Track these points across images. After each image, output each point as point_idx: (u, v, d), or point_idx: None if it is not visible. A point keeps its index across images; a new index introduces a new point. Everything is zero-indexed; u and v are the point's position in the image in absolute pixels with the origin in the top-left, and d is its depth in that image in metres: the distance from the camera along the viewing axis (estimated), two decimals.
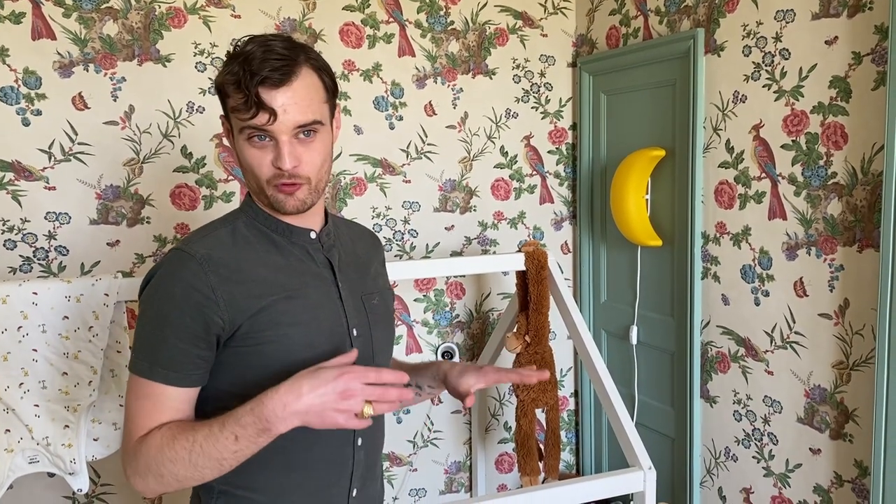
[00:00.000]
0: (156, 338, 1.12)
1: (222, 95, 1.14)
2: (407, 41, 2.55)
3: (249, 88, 1.08)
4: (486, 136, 2.70)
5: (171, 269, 1.13)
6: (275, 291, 1.15)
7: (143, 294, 1.16)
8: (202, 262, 1.12)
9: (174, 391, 1.12)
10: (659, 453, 2.47)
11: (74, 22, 2.14)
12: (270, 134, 1.11)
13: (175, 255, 1.15)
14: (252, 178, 1.16)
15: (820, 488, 1.95)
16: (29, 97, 2.12)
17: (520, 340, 2.20)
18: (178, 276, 1.12)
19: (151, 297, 1.14)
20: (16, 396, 1.70)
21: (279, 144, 1.12)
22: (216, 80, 1.16)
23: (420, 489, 2.77)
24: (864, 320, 1.79)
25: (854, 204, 1.79)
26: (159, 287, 1.13)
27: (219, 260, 1.14)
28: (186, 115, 2.29)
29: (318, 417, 1.01)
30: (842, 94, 1.80)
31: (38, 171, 2.15)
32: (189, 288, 1.11)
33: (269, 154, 1.13)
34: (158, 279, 1.14)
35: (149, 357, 1.12)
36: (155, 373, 1.11)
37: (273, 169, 1.13)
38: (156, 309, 1.13)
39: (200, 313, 1.10)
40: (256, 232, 1.21)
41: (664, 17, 2.34)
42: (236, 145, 1.16)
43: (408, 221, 2.62)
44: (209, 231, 1.20)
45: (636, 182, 2.33)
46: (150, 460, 1.08)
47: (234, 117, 1.13)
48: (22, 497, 2.19)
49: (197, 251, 1.14)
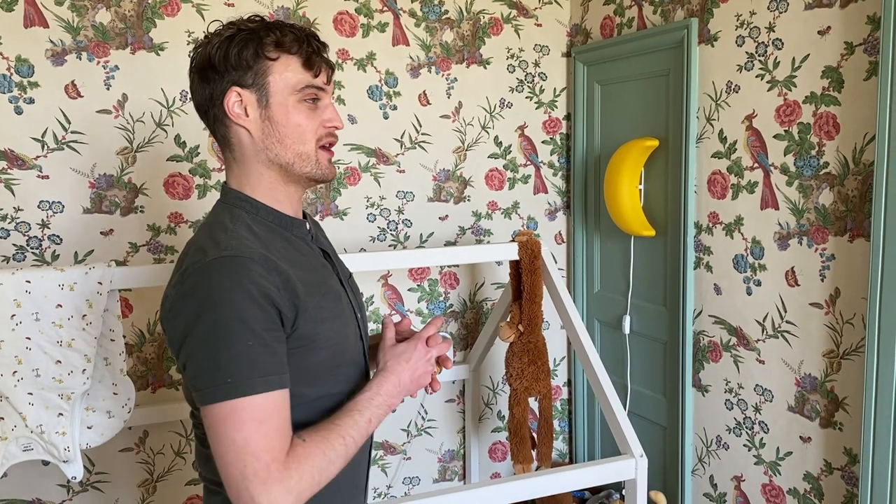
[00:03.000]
0: (252, 348, 1.01)
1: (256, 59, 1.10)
2: (401, 30, 2.55)
3: (314, 44, 1.11)
4: (480, 126, 2.70)
5: (234, 276, 1.02)
6: (315, 288, 1.13)
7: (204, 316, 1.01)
8: (263, 263, 1.05)
9: (286, 395, 1.04)
10: (651, 442, 2.49)
11: (67, 10, 2.14)
12: (322, 95, 1.14)
13: (229, 262, 1.03)
14: (300, 143, 1.13)
15: (810, 476, 1.97)
16: (21, 85, 2.11)
17: (513, 330, 2.21)
18: (247, 279, 1.02)
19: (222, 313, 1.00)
20: (9, 384, 1.70)
21: (329, 106, 1.15)
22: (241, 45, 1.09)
23: (414, 477, 2.78)
24: (855, 309, 1.80)
25: (845, 194, 1.80)
26: (230, 298, 1.01)
27: (272, 260, 1.07)
28: (180, 104, 2.28)
29: (416, 384, 1.21)
30: (834, 84, 1.80)
31: (31, 160, 2.14)
32: (261, 289, 1.02)
33: (318, 117, 1.14)
34: (222, 291, 1.01)
35: (255, 372, 1.00)
36: (271, 383, 1.02)
37: (324, 129, 1.15)
38: (234, 320, 1.00)
39: (278, 312, 1.04)
40: (266, 228, 1.15)
41: (658, 6, 2.34)
42: (276, 110, 1.11)
43: (402, 211, 2.62)
44: (231, 231, 1.09)
45: (630, 172, 2.34)
46: (314, 471, 1.02)
47: (286, 77, 1.11)
48: (16, 485, 2.20)
49: (251, 252, 1.05)
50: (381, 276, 2.62)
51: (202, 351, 1.01)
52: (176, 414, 2.28)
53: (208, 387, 1.00)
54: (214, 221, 1.14)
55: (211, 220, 1.15)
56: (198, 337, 1.01)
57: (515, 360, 2.23)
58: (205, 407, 1.01)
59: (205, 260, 1.04)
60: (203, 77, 1.14)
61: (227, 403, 0.99)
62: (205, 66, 1.13)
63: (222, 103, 1.13)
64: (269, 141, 1.13)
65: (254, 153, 1.15)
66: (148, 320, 2.32)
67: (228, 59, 1.10)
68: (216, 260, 1.03)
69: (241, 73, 1.11)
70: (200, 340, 1.01)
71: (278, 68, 1.10)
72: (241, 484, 0.98)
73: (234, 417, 0.99)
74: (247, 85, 1.11)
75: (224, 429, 1.00)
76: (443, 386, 2.79)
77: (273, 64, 1.10)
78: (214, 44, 1.12)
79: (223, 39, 1.11)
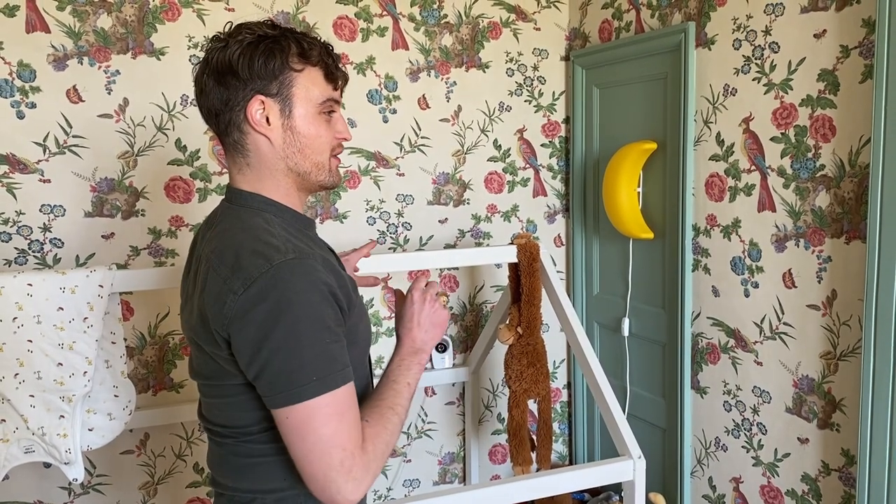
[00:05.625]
0: (331, 345, 1.05)
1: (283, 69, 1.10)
2: (400, 34, 2.56)
3: (334, 56, 1.14)
4: (479, 130, 2.71)
5: (305, 277, 1.04)
6: (353, 285, 1.17)
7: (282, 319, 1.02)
8: (323, 263, 1.08)
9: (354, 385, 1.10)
10: (650, 444, 2.50)
11: (68, 15, 2.15)
12: (336, 107, 1.17)
13: (299, 264, 1.05)
14: (318, 153, 1.16)
15: (808, 477, 1.97)
16: (23, 90, 2.13)
17: (512, 332, 2.22)
18: (319, 279, 1.05)
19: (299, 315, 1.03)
20: (11, 387, 1.72)
21: (340, 117, 1.19)
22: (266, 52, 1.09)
23: (414, 480, 2.79)
24: (852, 311, 1.81)
25: (842, 196, 1.81)
26: (306, 300, 1.03)
27: (328, 261, 1.11)
28: (181, 108, 2.30)
29: (436, 329, 1.30)
30: (830, 87, 1.81)
31: (32, 164, 2.16)
32: (329, 288, 1.07)
33: (332, 128, 1.17)
34: (297, 293, 1.03)
35: (335, 366, 1.05)
36: (347, 376, 1.07)
37: (335, 140, 1.18)
38: (313, 320, 1.03)
39: (340, 309, 1.09)
40: (294, 230, 1.16)
41: (656, 10, 2.35)
42: (299, 122, 1.13)
43: (401, 214, 2.63)
44: (274, 235, 1.10)
45: (628, 175, 2.35)
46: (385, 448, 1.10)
47: (311, 89, 1.13)
48: (18, 487, 2.21)
49: (312, 254, 1.08)
50: (381, 279, 2.63)
51: (283, 352, 1.02)
52: (177, 416, 2.29)
53: (293, 387, 1.02)
54: (249, 226, 1.12)
55: (240, 225, 1.13)
56: (278, 339, 1.02)
57: (514, 362, 2.23)
58: (287, 407, 1.03)
59: (272, 265, 1.03)
60: (221, 82, 1.12)
61: (316, 400, 1.02)
62: (225, 70, 1.11)
63: (243, 110, 1.12)
64: (289, 150, 1.14)
65: (272, 161, 1.15)
66: (149, 323, 2.33)
67: (253, 68, 1.09)
68: (285, 263, 1.04)
69: (266, 83, 1.10)
70: (281, 342, 1.02)
71: (303, 80, 1.12)
72: (328, 476, 1.03)
73: (319, 414, 1.02)
74: (271, 94, 1.11)
75: (310, 426, 1.02)
76: (443, 388, 2.80)
77: (298, 76, 1.12)
78: (234, 49, 1.10)
79: (245, 46, 1.09)
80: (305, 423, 1.02)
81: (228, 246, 1.10)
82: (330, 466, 1.02)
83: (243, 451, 1.16)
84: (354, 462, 1.04)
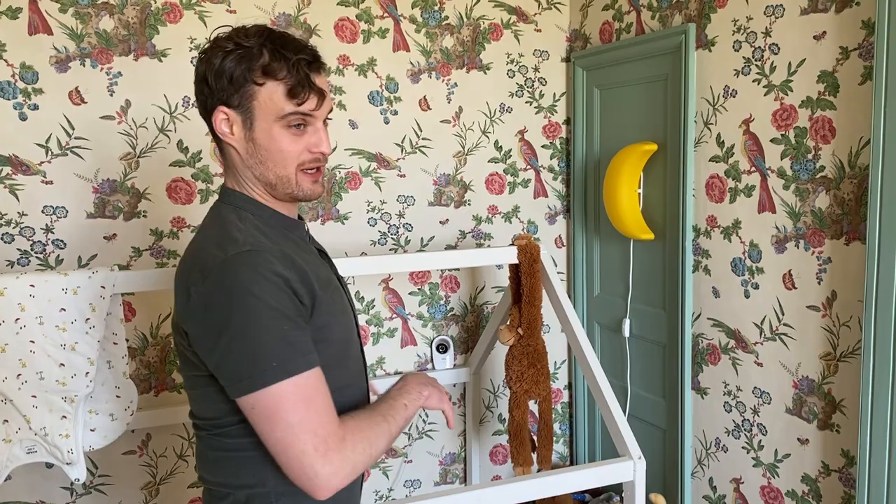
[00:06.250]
0: (289, 332, 1.05)
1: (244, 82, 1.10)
2: (401, 36, 2.57)
3: (303, 70, 1.10)
4: (480, 131, 2.72)
5: (259, 269, 1.05)
6: (324, 284, 1.16)
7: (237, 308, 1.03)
8: (281, 258, 1.08)
9: (322, 373, 1.08)
10: (651, 444, 2.50)
11: (71, 17, 2.16)
12: (310, 120, 1.14)
13: (252, 256, 1.06)
14: (280, 167, 1.14)
15: (808, 478, 1.98)
16: (26, 92, 2.13)
17: (513, 333, 2.22)
18: (271, 271, 1.05)
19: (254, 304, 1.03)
20: (13, 387, 1.72)
21: (317, 131, 1.15)
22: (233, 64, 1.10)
23: (415, 480, 2.80)
24: (851, 312, 1.81)
25: (841, 197, 1.81)
26: (259, 289, 1.03)
27: (289, 255, 1.11)
28: (182, 110, 2.31)
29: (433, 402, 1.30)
30: (829, 88, 1.82)
31: (35, 166, 2.17)
32: (285, 280, 1.06)
33: (303, 141, 1.14)
34: (250, 284, 1.04)
35: (297, 352, 1.04)
36: (311, 361, 1.06)
37: (309, 154, 1.15)
38: (268, 308, 1.03)
39: (300, 302, 1.08)
40: (271, 228, 1.18)
41: (656, 12, 2.36)
42: (259, 134, 1.12)
43: (402, 215, 2.64)
44: (242, 230, 1.12)
45: (629, 176, 2.35)
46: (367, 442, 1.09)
47: (271, 103, 1.10)
48: (20, 487, 2.21)
49: (270, 248, 1.09)
50: (382, 280, 2.64)
51: (241, 341, 1.03)
52: (178, 417, 2.29)
53: (253, 374, 1.02)
54: (223, 221, 1.15)
55: (218, 221, 1.17)
56: (234, 328, 1.03)
57: (515, 363, 2.24)
58: (251, 395, 1.03)
59: (226, 255, 1.06)
60: (199, 90, 1.16)
61: (276, 387, 1.01)
62: (200, 79, 1.15)
63: (211, 119, 1.15)
64: (252, 161, 1.16)
65: (241, 168, 1.18)
66: (150, 324, 2.34)
67: (219, 78, 1.12)
68: (238, 254, 1.06)
69: (228, 94, 1.12)
70: (238, 331, 1.02)
71: (263, 94, 1.11)
72: (303, 461, 1.02)
73: (285, 400, 1.02)
74: (233, 105, 1.13)
75: (278, 413, 1.02)
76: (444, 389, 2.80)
77: (259, 89, 1.11)
78: (209, 59, 1.13)
79: (218, 56, 1.12)
80: (273, 411, 1.02)
81: (198, 241, 1.15)
82: (303, 452, 1.02)
83: (217, 445, 1.17)
84: (329, 447, 1.03)
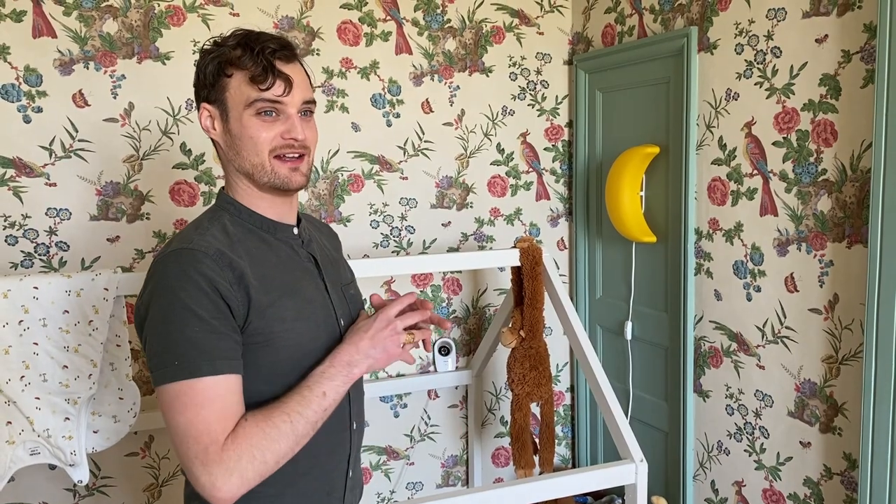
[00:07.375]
0: (199, 333, 1.05)
1: (217, 77, 1.17)
2: (404, 39, 2.57)
3: (266, 58, 1.14)
4: (482, 134, 2.72)
5: (185, 267, 1.07)
6: (278, 288, 1.17)
7: (156, 302, 1.07)
8: (216, 259, 1.09)
9: (236, 381, 1.07)
10: (653, 447, 2.50)
11: (75, 20, 2.17)
12: (281, 108, 1.16)
13: (185, 254, 1.09)
14: (253, 154, 1.17)
15: (810, 481, 1.98)
16: (30, 94, 2.14)
17: (514, 335, 2.23)
18: (197, 271, 1.07)
19: (171, 300, 1.06)
20: (17, 389, 1.73)
21: (290, 118, 1.17)
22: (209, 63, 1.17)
23: (417, 482, 2.80)
24: (853, 315, 1.81)
25: (843, 200, 1.81)
26: (179, 287, 1.06)
27: (227, 256, 1.12)
28: (185, 113, 2.31)
29: (384, 354, 1.18)
30: (831, 91, 1.82)
31: (38, 168, 2.18)
32: (210, 281, 1.07)
33: (276, 128, 1.17)
34: (172, 280, 1.07)
35: (201, 355, 1.04)
36: (219, 367, 1.05)
37: (281, 140, 1.17)
38: (181, 307, 1.05)
39: (227, 304, 1.08)
40: (243, 229, 1.20)
41: (658, 15, 2.36)
42: (233, 124, 1.17)
43: (405, 218, 2.64)
44: (203, 229, 1.16)
45: (631, 179, 2.35)
46: (254, 450, 1.03)
47: (239, 93, 1.15)
48: (23, 489, 2.22)
49: (207, 248, 1.10)
50: (385, 283, 2.64)
51: (153, 335, 1.07)
52: None
53: (158, 369, 1.05)
54: (196, 222, 1.21)
55: (194, 221, 1.23)
56: (151, 322, 1.08)
57: (517, 365, 2.24)
58: (157, 389, 1.06)
59: (165, 252, 1.12)
60: (194, 91, 1.24)
61: (175, 385, 1.03)
62: (194, 81, 1.23)
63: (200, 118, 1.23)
64: (230, 153, 1.20)
65: (226, 163, 1.23)
66: None
67: (200, 78, 1.19)
68: (174, 252, 1.10)
69: (207, 91, 1.19)
70: (153, 325, 1.07)
71: (233, 85, 1.16)
72: (186, 465, 1.04)
73: (178, 401, 1.03)
74: (212, 101, 1.19)
75: (171, 412, 1.04)
76: (446, 391, 2.80)
77: (229, 80, 1.16)
78: (198, 62, 1.21)
79: (204, 57, 1.19)
80: (168, 407, 1.05)
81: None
82: (186, 456, 1.03)
83: None
84: (209, 457, 1.01)
